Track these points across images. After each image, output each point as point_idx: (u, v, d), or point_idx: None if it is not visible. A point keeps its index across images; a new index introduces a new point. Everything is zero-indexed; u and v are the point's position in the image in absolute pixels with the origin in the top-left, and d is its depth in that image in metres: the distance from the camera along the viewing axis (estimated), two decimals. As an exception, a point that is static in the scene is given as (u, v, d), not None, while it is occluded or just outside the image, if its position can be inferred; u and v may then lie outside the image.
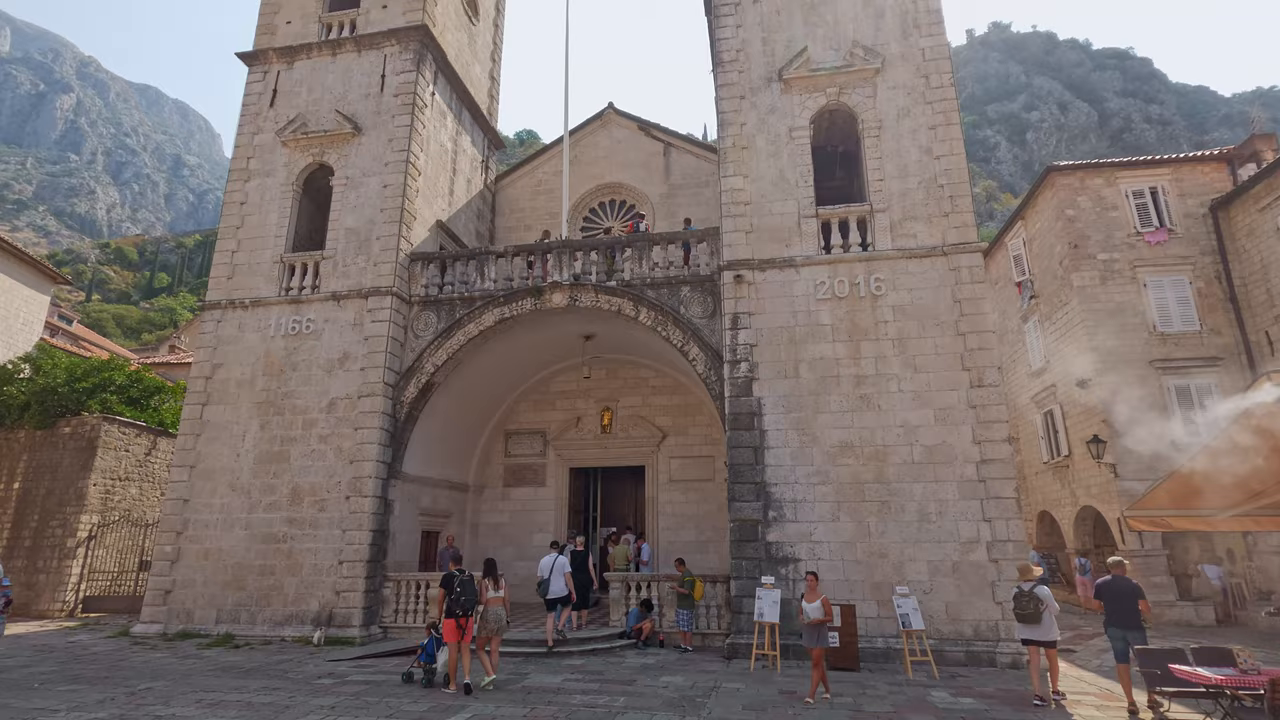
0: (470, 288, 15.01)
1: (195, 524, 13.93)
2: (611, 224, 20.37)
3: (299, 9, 17.43)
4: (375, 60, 16.35)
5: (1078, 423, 18.61)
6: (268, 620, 13.12)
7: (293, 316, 14.89)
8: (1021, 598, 8.40)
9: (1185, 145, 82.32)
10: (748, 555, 11.61)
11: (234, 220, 15.92)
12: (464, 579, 8.96)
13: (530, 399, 18.45)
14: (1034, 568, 8.91)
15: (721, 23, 14.61)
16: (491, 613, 9.20)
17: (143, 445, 19.43)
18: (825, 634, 8.87)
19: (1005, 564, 10.83)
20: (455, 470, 17.03)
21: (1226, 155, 18.67)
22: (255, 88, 16.81)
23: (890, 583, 11.00)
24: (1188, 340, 17.30)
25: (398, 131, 15.63)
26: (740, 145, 13.78)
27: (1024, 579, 8.63)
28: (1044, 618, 8.28)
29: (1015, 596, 8.51)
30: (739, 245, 13.22)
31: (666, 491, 17.16)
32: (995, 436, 11.46)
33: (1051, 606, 8.31)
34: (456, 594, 8.83)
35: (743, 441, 12.18)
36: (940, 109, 13.24)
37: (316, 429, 14.08)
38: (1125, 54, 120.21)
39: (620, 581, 12.99)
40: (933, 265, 12.48)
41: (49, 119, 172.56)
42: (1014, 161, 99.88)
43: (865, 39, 13.90)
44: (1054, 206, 19.17)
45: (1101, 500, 17.52)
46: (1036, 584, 8.51)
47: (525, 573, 17.00)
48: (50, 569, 17.03)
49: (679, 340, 13.59)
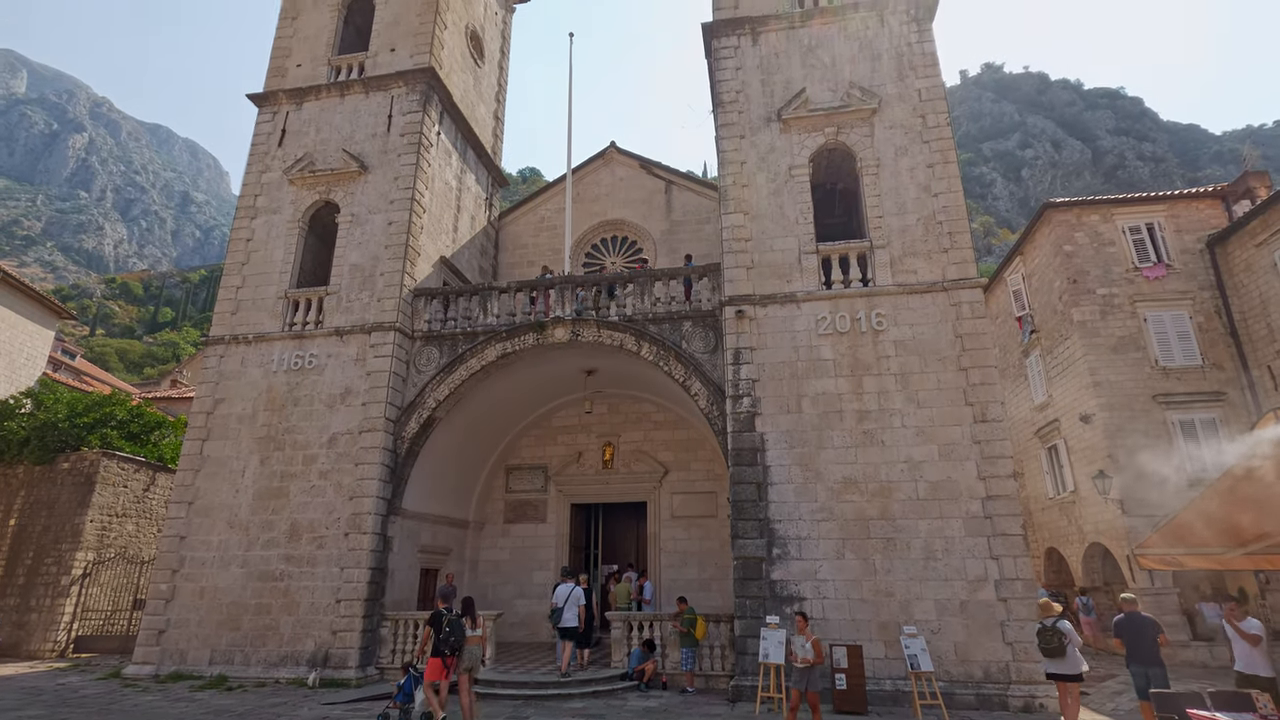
0: (473, 323, 15.08)
1: (191, 561, 13.76)
2: (614, 260, 20.56)
3: (309, 53, 17.90)
4: (382, 101, 16.71)
5: (1082, 458, 18.47)
6: (262, 661, 12.85)
7: (295, 351, 14.93)
8: (1044, 633, 8.47)
9: (1179, 182, 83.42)
10: (752, 594, 11.41)
11: (240, 257, 16.09)
12: (452, 617, 8.95)
13: (532, 434, 18.37)
14: (1054, 605, 8.94)
15: (721, 65, 14.96)
16: (468, 651, 9.24)
17: (141, 481, 19.30)
18: (816, 676, 8.75)
19: (1014, 603, 10.64)
20: (455, 506, 16.88)
21: (1221, 192, 18.90)
22: (265, 128, 17.15)
23: (897, 622, 10.80)
24: (1190, 375, 17.28)
25: (403, 170, 15.89)
26: (741, 183, 13.98)
27: (1044, 616, 8.68)
28: (1068, 651, 8.32)
29: (1038, 632, 8.58)
30: (740, 281, 13.31)
31: (669, 528, 16.97)
32: (1000, 472, 11.37)
33: (1074, 640, 8.36)
34: (446, 633, 8.80)
35: (746, 477, 12.08)
36: (937, 147, 13.46)
37: (317, 465, 14.00)
38: (1116, 93, 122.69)
39: (622, 621, 12.75)
40: (933, 301, 12.54)
41: (61, 157, 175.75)
42: (1010, 198, 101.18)
43: (862, 80, 14.21)
44: (1052, 242, 19.35)
45: (1109, 537, 17.28)
46: (1058, 620, 8.55)
47: (525, 611, 16.75)
48: (43, 608, 16.76)
49: (681, 375, 13.59)
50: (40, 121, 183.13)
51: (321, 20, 18.20)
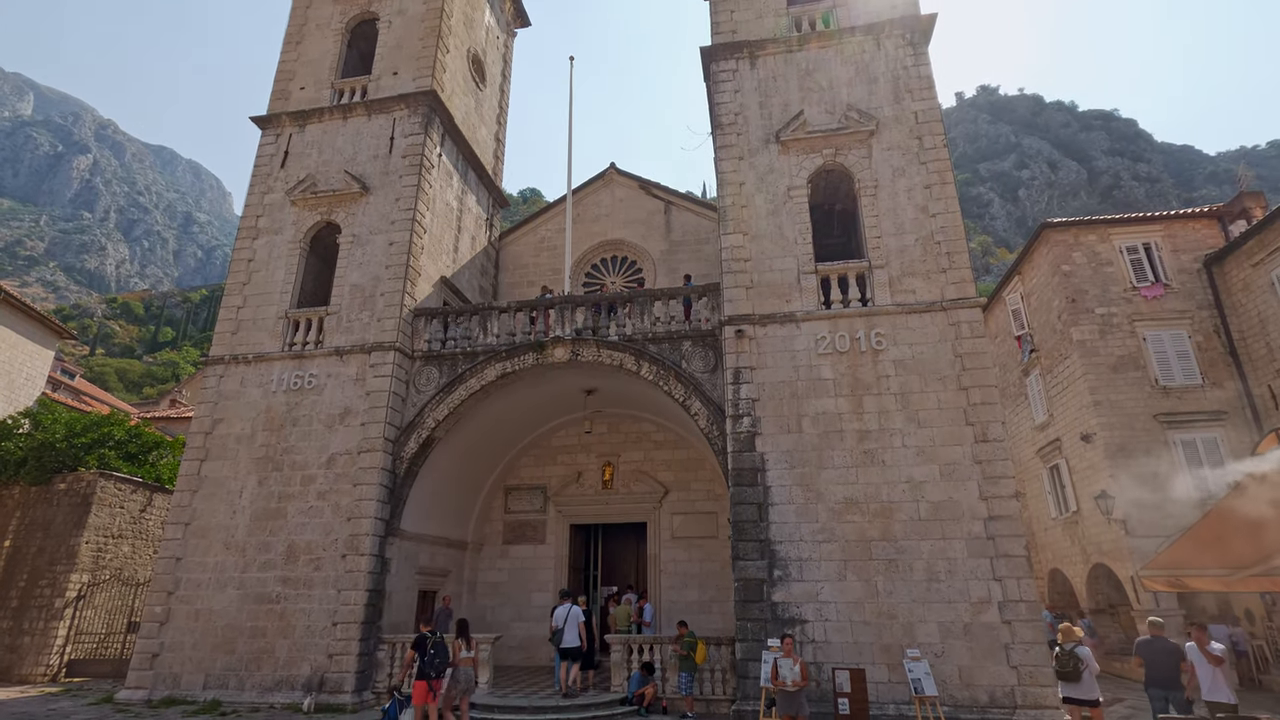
0: (473, 342, 15.09)
1: (187, 583, 13.62)
2: (614, 280, 20.64)
3: (313, 76, 18.12)
4: (385, 123, 16.87)
5: (1084, 478, 18.38)
6: (257, 685, 12.67)
7: (295, 371, 14.91)
8: (1063, 656, 8.59)
9: (1174, 202, 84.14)
10: (753, 616, 11.28)
11: (241, 277, 16.14)
12: (437, 640, 9.07)
13: (531, 454, 18.30)
14: (1075, 630, 8.99)
15: (720, 88, 15.13)
16: (462, 673, 9.26)
17: (138, 502, 19.18)
18: (803, 700, 8.75)
19: (1018, 625, 10.52)
20: (454, 527, 16.76)
21: (1217, 212, 19.02)
22: (268, 149, 17.30)
23: (900, 645, 10.66)
24: (1190, 394, 17.25)
25: (405, 191, 16.00)
26: (740, 204, 14.07)
27: (1066, 640, 8.74)
28: (1084, 676, 8.34)
29: (1056, 656, 8.70)
30: (740, 300, 13.34)
31: (669, 549, 16.84)
32: (1002, 492, 11.30)
33: (1092, 666, 8.42)
34: (430, 655, 8.86)
35: (746, 498, 12.01)
36: (934, 169, 13.56)
37: (315, 485, 13.92)
38: (1111, 115, 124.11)
39: (622, 644, 12.60)
40: (932, 320, 12.56)
41: (65, 178, 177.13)
42: (1007, 217, 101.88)
43: (859, 103, 14.36)
44: (1050, 262, 19.43)
45: (1113, 558, 17.14)
46: (1077, 645, 8.64)
47: (523, 634, 16.56)
48: (36, 631, 16.55)
49: (681, 395, 13.57)
50: (45, 143, 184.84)
51: (326, 45, 18.45)
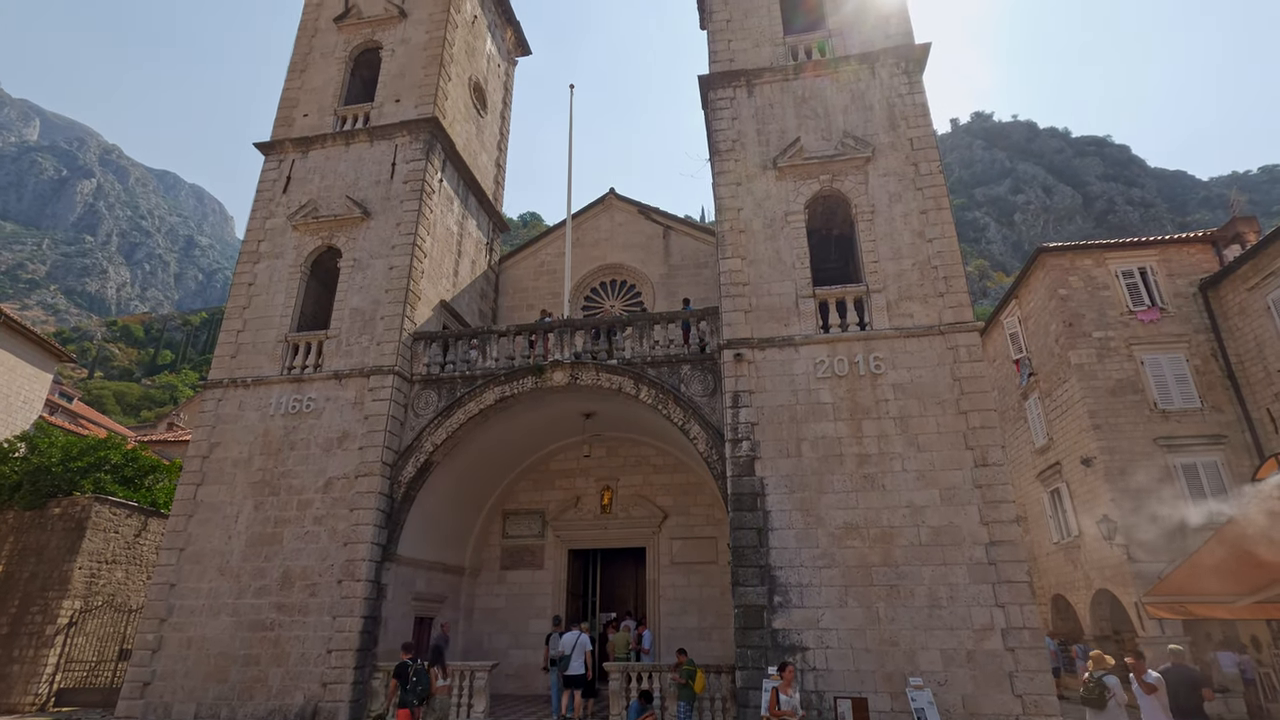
0: (472, 366, 15.10)
1: (180, 610, 13.45)
2: (613, 303, 20.71)
3: (316, 103, 18.36)
4: (386, 149, 17.07)
5: (1085, 501, 18.28)
6: (249, 715, 12.44)
7: (293, 395, 14.89)
8: (1089, 684, 8.66)
9: (1169, 226, 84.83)
10: (753, 644, 11.14)
11: (241, 300, 16.20)
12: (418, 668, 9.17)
13: (529, 478, 18.20)
14: (1107, 658, 8.98)
15: (718, 115, 15.35)
16: (438, 701, 9.28)
17: (133, 526, 19.01)
18: None
19: (1022, 653, 10.39)
20: (451, 552, 16.60)
21: (1211, 237, 19.20)
22: (270, 175, 17.47)
23: (903, 673, 10.51)
24: (1190, 418, 17.24)
25: (405, 216, 16.13)
26: (738, 229, 14.19)
27: (1096, 668, 8.78)
28: (1109, 705, 8.31)
29: (1084, 683, 8.79)
30: (738, 324, 13.39)
31: (668, 574, 16.67)
32: (1003, 517, 11.22)
33: (1119, 696, 8.38)
34: (412, 683, 8.93)
35: (746, 523, 11.93)
36: (930, 194, 13.70)
37: (311, 510, 13.82)
38: (1104, 141, 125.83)
39: (620, 672, 12.41)
40: (930, 344, 12.59)
41: (69, 202, 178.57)
42: (1004, 241, 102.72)
43: (855, 130, 14.55)
44: (1046, 286, 19.55)
45: (1116, 583, 16.98)
46: (1105, 673, 8.68)
47: (519, 661, 16.33)
48: (26, 659, 16.30)
49: (680, 419, 13.55)
50: (50, 168, 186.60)
51: (329, 73, 18.73)
